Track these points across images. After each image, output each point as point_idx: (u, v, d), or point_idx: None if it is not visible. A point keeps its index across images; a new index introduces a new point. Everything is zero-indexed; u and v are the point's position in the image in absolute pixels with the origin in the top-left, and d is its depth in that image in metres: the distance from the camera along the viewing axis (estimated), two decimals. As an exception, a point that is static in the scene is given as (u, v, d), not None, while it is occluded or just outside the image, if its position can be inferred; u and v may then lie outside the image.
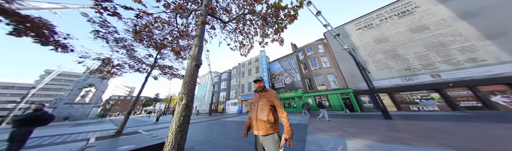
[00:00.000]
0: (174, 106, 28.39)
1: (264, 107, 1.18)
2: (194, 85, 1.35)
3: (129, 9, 1.88)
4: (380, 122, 4.65)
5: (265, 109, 1.17)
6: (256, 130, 1.14)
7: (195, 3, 2.79)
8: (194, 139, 3.42)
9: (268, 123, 1.11)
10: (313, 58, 12.47)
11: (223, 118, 9.74)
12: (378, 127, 3.84)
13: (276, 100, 1.20)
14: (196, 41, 1.67)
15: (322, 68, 11.66)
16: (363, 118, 5.85)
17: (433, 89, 7.51)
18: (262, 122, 1.12)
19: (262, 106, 1.19)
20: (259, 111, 1.18)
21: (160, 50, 4.84)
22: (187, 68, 1.45)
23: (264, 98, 1.23)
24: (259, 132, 1.12)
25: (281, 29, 2.82)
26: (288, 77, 14.61)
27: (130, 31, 4.07)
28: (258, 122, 1.14)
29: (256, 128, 1.14)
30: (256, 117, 1.17)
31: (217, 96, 20.89)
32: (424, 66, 8.09)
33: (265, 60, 16.55)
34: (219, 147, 2.56)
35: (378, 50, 9.88)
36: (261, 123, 1.12)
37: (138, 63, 4.72)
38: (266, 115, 1.14)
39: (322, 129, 3.86)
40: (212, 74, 22.89)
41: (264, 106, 1.18)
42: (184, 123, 1.07)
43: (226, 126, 5.55)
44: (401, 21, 9.51)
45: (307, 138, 2.94)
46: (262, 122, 1.12)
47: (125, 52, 4.60)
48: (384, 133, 3.17)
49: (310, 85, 12.12)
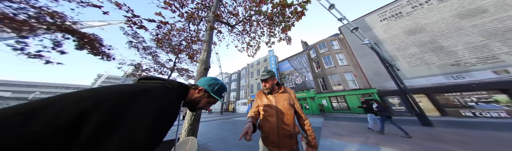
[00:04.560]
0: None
1: (288, 116, 0.83)
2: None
3: (152, 21, 2.21)
4: (415, 129, 3.78)
5: (289, 119, 0.83)
6: (277, 148, 0.80)
7: (205, 10, 3.00)
8: (207, 136, 3.65)
9: (294, 138, 0.81)
10: (327, 55, 11.42)
11: (233, 117, 9.97)
12: (412, 134, 3.12)
13: (297, 103, 0.91)
14: (205, 46, 1.80)
15: (338, 66, 10.53)
16: (392, 123, 4.94)
17: (498, 89, 5.67)
18: (288, 139, 0.80)
19: (284, 114, 0.83)
20: (280, 121, 0.83)
21: (178, 54, 5.49)
22: (198, 71, 1.59)
23: (283, 101, 0.87)
24: (280, 146, 0.80)
25: (288, 28, 2.74)
26: (298, 76, 13.85)
27: (154, 40, 4.69)
28: (281, 137, 0.80)
29: (277, 145, 0.80)
30: (278, 131, 0.81)
31: (228, 96, 21.50)
32: (481, 60, 6.24)
33: (273, 59, 16.19)
34: (230, 146, 2.67)
35: (410, 43, 8.23)
36: (285, 139, 0.80)
37: (160, 67, 5.48)
38: (293, 127, 0.82)
39: (339, 134, 3.41)
40: (223, 75, 23.91)
41: (288, 114, 0.83)
42: (195, 122, 1.14)
43: (237, 125, 5.66)
44: (443, 6, 7.66)
45: (320, 142, 2.69)
46: (288, 139, 0.80)
47: (151, 58, 5.43)
48: (420, 142, 2.55)
49: (324, 85, 11.12)
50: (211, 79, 0.56)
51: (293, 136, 0.82)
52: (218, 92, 0.55)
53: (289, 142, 0.80)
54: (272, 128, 0.82)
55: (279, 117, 0.83)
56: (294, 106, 0.90)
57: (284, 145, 0.79)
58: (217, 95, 0.53)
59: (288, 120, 0.83)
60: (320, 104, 10.71)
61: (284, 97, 0.89)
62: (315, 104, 11.18)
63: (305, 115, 0.92)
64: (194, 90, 0.50)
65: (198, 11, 2.92)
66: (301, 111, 0.91)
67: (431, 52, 7.48)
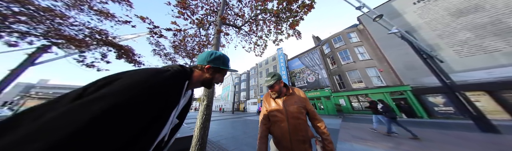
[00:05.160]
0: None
1: (300, 120, 0.78)
2: (213, 89, 1.51)
3: (169, 30, 2.51)
4: (471, 135, 2.92)
5: (302, 123, 0.78)
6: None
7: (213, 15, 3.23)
8: (220, 134, 3.87)
9: (307, 142, 0.76)
10: (344, 50, 10.19)
11: (244, 116, 10.09)
12: (467, 142, 2.38)
13: (309, 105, 0.83)
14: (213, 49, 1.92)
15: (358, 61, 9.25)
16: (433, 128, 3.96)
17: None
18: (301, 144, 0.75)
19: (295, 118, 0.78)
20: (292, 126, 0.77)
21: (192, 58, 5.98)
22: None
23: (293, 104, 0.81)
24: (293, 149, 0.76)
25: (297, 23, 2.68)
26: (311, 74, 12.88)
27: (172, 46, 5.38)
28: (293, 143, 0.75)
29: (290, 150, 0.77)
30: (290, 136, 0.76)
31: (238, 96, 21.97)
32: None
33: (282, 58, 15.55)
34: (241, 144, 2.78)
35: (460, 27, 6.47)
36: (299, 145, 0.75)
37: None
38: (305, 132, 0.77)
39: (360, 137, 2.96)
40: (233, 76, 24.52)
41: (299, 119, 0.78)
42: (205, 121, 1.23)
43: (247, 124, 5.78)
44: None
45: (337, 146, 2.47)
46: (301, 144, 0.75)
47: (171, 63, 6.16)
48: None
49: (341, 82, 9.98)
50: (210, 54, 0.51)
51: (307, 140, 0.77)
52: (225, 63, 0.53)
53: (303, 147, 0.76)
54: (284, 134, 0.78)
55: (290, 122, 0.78)
56: (305, 108, 0.83)
57: (296, 146, 0.75)
58: (226, 67, 0.53)
59: (301, 124, 0.78)
60: (338, 104, 9.66)
61: (293, 100, 0.83)
62: (331, 104, 10.16)
63: (320, 116, 0.85)
64: (200, 70, 0.48)
65: (207, 16, 3.08)
66: (315, 113, 0.84)
67: (494, 36, 5.67)
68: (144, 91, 0.25)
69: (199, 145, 1.13)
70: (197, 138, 1.15)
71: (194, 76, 0.46)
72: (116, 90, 0.23)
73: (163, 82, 0.29)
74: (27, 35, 3.65)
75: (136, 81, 0.26)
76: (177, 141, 2.10)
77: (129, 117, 0.22)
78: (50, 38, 3.80)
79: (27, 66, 4.64)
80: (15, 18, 3.20)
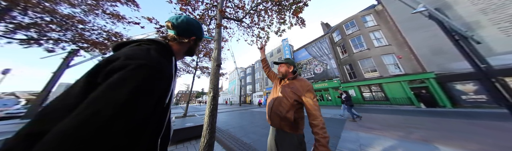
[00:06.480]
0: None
1: (285, 100, 0.83)
2: (218, 81, 1.63)
3: None
4: (502, 125, 2.56)
5: (284, 103, 0.82)
6: (269, 120, 0.89)
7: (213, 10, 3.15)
8: (229, 123, 4.13)
9: (284, 121, 0.81)
10: (357, 36, 9.19)
11: (251, 108, 10.44)
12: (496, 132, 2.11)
13: (307, 97, 0.77)
14: (215, 44, 1.90)
15: (373, 48, 8.35)
16: (458, 117, 3.59)
17: None
18: (277, 117, 0.83)
19: (282, 98, 0.85)
20: (276, 101, 0.86)
21: (198, 54, 5.99)
22: (211, 68, 1.74)
23: (288, 88, 0.86)
24: (272, 122, 0.87)
25: (300, 10, 2.55)
26: (318, 65, 12.24)
27: None
28: (272, 113, 0.86)
29: (268, 117, 0.90)
30: (272, 107, 0.87)
31: (245, 89, 22.50)
32: None
33: (288, 49, 14.81)
34: (248, 132, 2.97)
35: (512, -2, 5.16)
36: (275, 116, 0.84)
37: (187, 66, 6.25)
38: (285, 111, 0.80)
39: (368, 127, 2.84)
40: (238, 70, 24.62)
41: (285, 99, 0.83)
42: (213, 110, 1.41)
43: (254, 115, 5.99)
44: None
45: (342, 134, 2.40)
46: (277, 117, 0.83)
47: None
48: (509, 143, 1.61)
49: (352, 72, 9.34)
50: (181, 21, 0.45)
51: (284, 118, 0.80)
52: (200, 30, 0.51)
53: (278, 120, 0.83)
54: (268, 104, 0.94)
55: (277, 98, 0.88)
56: (300, 98, 0.79)
57: (274, 120, 0.85)
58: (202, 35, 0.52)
59: (283, 103, 0.83)
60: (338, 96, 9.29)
61: (292, 86, 0.86)
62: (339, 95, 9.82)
63: (320, 113, 0.72)
64: (179, 43, 0.46)
65: (208, 11, 3.07)
66: (312, 109, 0.74)
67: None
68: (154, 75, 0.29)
69: (209, 129, 1.30)
70: (207, 124, 1.33)
71: (175, 50, 0.46)
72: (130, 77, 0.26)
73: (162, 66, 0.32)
74: (59, 41, 4.21)
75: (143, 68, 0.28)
76: (191, 129, 2.39)
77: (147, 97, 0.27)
78: (77, 43, 4.34)
79: (64, 68, 5.34)
80: (48, 27, 3.75)
